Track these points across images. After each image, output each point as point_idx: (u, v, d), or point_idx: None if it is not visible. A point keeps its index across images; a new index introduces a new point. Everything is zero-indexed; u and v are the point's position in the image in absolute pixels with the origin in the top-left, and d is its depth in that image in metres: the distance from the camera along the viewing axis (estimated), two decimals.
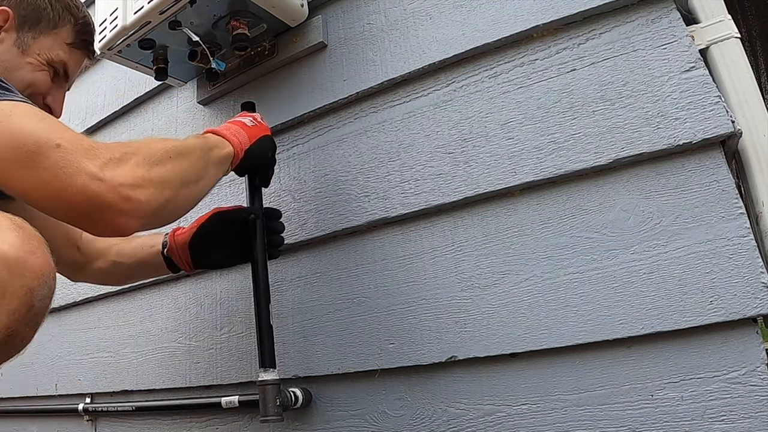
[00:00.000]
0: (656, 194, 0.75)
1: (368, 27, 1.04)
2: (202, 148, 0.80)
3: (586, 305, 0.76)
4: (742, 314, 0.67)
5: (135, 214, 0.66)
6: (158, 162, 0.70)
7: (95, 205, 0.63)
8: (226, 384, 1.09)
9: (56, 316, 1.51)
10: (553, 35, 0.86)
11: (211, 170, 0.81)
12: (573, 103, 0.82)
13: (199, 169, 0.77)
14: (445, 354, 0.85)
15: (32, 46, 0.89)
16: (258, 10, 1.02)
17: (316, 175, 1.05)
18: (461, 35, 0.92)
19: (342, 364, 0.94)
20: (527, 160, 0.84)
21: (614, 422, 0.73)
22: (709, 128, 0.72)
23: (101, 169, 0.63)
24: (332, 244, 1.01)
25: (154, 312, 1.26)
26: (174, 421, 1.18)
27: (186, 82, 1.25)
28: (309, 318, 1.00)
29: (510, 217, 0.85)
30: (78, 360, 1.41)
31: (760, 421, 0.65)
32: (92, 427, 1.34)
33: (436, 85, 0.94)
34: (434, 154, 0.92)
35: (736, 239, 0.69)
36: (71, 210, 0.64)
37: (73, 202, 0.63)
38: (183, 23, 0.99)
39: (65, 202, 0.63)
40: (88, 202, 0.63)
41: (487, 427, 0.81)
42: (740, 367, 0.67)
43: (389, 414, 0.90)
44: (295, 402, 0.93)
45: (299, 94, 1.09)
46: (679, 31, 0.77)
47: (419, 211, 0.92)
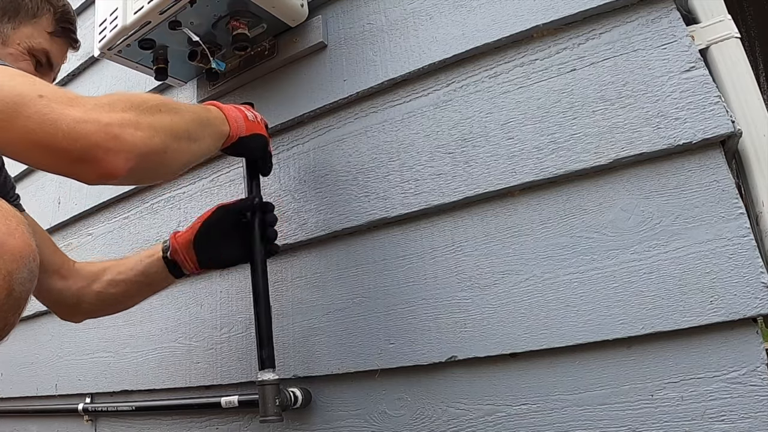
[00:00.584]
0: (656, 194, 0.75)
1: (368, 27, 1.04)
2: (200, 113, 0.79)
3: (586, 305, 0.76)
4: (742, 314, 0.67)
5: (123, 152, 0.64)
6: (149, 110, 0.69)
7: (82, 147, 0.61)
8: (226, 384, 1.09)
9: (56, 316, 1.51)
10: (553, 35, 0.86)
11: (207, 136, 0.79)
12: (573, 103, 0.82)
13: (193, 129, 0.75)
14: (445, 354, 0.85)
15: (12, 36, 0.89)
16: (258, 10, 1.02)
17: (316, 175, 1.05)
18: (461, 35, 0.92)
19: (342, 364, 0.94)
20: (527, 160, 0.84)
21: (614, 422, 0.73)
22: (709, 128, 0.72)
23: (86, 113, 0.62)
24: (332, 244, 1.01)
25: (154, 312, 1.26)
26: (174, 421, 1.18)
27: (186, 82, 1.25)
28: (309, 318, 1.00)
29: (510, 217, 0.85)
30: (78, 360, 1.41)
31: (760, 421, 0.65)
32: (92, 427, 1.34)
33: (436, 85, 0.95)
34: (434, 154, 0.92)
35: (736, 239, 0.69)
36: (57, 155, 0.62)
37: (58, 148, 0.61)
38: (183, 23, 0.99)
39: (50, 148, 0.61)
40: (74, 144, 0.61)
41: (487, 427, 0.81)
42: (740, 367, 0.67)
43: (389, 414, 0.90)
44: (295, 402, 0.93)
45: (299, 94, 1.09)
46: (679, 31, 0.77)
47: (419, 211, 0.92)
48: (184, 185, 1.26)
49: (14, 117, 0.61)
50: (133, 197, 1.37)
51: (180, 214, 1.25)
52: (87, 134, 0.61)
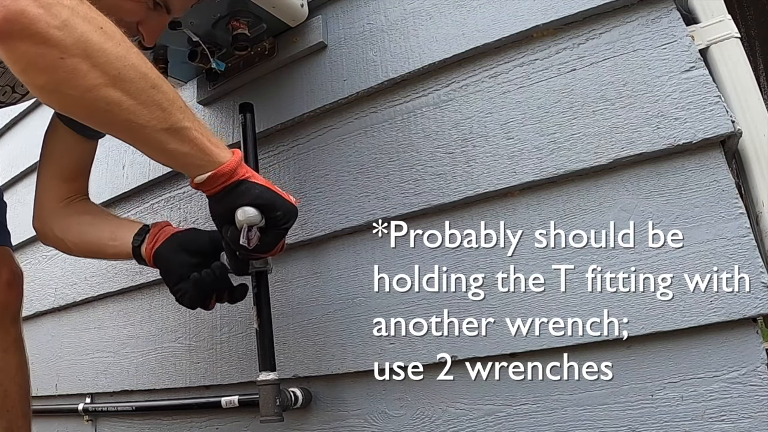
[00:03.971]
0: (656, 194, 0.75)
1: (368, 27, 1.04)
2: (182, 108, 0.69)
3: (585, 305, 0.76)
4: (742, 314, 0.67)
5: (10, 30, 0.57)
6: (105, 32, 0.62)
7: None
8: (226, 384, 1.09)
9: (56, 316, 1.51)
10: (553, 35, 0.86)
11: (163, 132, 0.67)
12: (573, 103, 0.82)
13: (156, 101, 0.65)
14: (445, 354, 0.85)
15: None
16: (258, 10, 1.02)
17: (316, 175, 1.05)
18: (461, 35, 0.92)
19: (342, 364, 0.94)
20: (527, 160, 0.84)
21: (614, 422, 0.73)
22: (709, 128, 0.72)
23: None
24: (332, 244, 1.01)
25: (154, 312, 1.26)
26: (174, 421, 1.18)
27: (186, 82, 1.25)
28: (309, 318, 1.00)
29: (510, 217, 0.85)
30: (78, 360, 1.41)
31: (760, 421, 0.65)
32: (92, 427, 1.34)
33: (436, 85, 0.94)
34: (434, 154, 0.92)
35: (736, 239, 0.69)
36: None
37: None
38: (183, 23, 0.99)
39: None
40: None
41: (487, 427, 0.81)
42: (740, 367, 0.67)
43: (389, 414, 0.90)
44: (296, 402, 0.93)
45: (299, 94, 1.09)
46: (679, 31, 0.77)
47: (419, 211, 0.92)
48: (184, 185, 1.26)
49: None
50: (132, 197, 1.37)
51: (180, 214, 1.25)
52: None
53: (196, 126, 0.70)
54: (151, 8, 0.81)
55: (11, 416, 1.00)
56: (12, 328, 1.02)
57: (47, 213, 0.98)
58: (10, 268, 1.03)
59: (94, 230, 0.96)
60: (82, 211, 0.98)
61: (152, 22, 0.83)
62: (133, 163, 1.36)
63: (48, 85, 0.62)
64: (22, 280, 1.05)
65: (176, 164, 0.72)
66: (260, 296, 0.90)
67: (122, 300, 1.34)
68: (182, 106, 0.70)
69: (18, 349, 1.03)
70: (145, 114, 0.65)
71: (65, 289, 1.44)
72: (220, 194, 0.73)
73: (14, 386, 1.01)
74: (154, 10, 0.82)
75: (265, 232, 0.75)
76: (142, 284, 1.28)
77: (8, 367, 1.01)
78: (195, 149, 0.70)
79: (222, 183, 0.72)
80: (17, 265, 1.05)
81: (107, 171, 1.41)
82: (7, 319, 1.01)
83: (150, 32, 0.83)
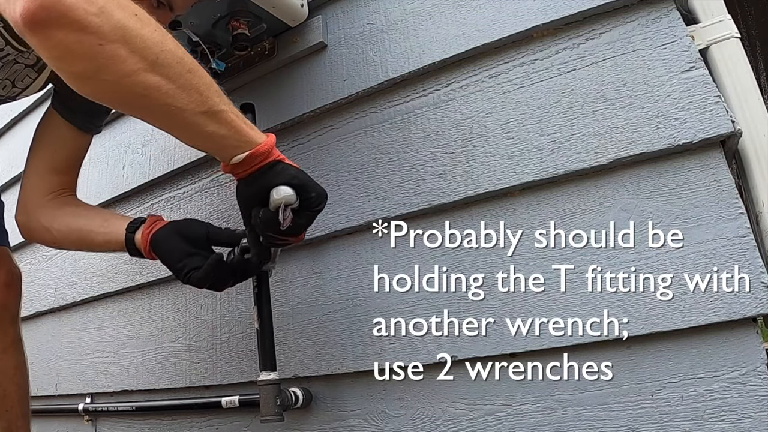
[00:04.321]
0: (656, 194, 0.75)
1: (368, 27, 1.04)
2: (218, 92, 0.69)
3: (585, 305, 0.76)
4: (742, 314, 0.67)
5: (47, 18, 0.57)
6: (140, 17, 0.62)
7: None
8: (227, 384, 1.09)
9: (56, 316, 1.51)
10: (553, 35, 0.86)
11: (202, 115, 0.67)
12: (573, 103, 0.82)
13: (193, 85, 0.66)
14: (445, 354, 0.85)
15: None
16: (258, 10, 1.02)
17: (316, 175, 1.04)
18: (461, 35, 0.92)
19: (342, 364, 0.94)
20: (527, 160, 0.84)
21: (614, 422, 0.73)
22: (709, 128, 0.72)
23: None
24: (332, 244, 1.01)
25: (154, 312, 1.26)
26: (174, 421, 1.18)
27: None
28: (309, 318, 1.00)
29: (510, 217, 0.85)
30: (78, 360, 1.41)
31: (760, 421, 0.65)
32: (92, 427, 1.34)
33: (436, 85, 0.94)
34: (434, 154, 0.92)
35: (736, 239, 0.69)
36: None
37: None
38: (183, 23, 0.99)
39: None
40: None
41: (487, 427, 0.81)
42: (740, 367, 0.67)
43: (389, 414, 0.90)
44: (296, 402, 0.93)
45: (299, 94, 1.09)
46: (679, 31, 0.77)
47: (419, 211, 0.92)
48: (183, 185, 1.26)
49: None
50: (132, 197, 1.37)
51: (180, 214, 1.25)
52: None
53: (231, 109, 0.71)
54: (155, 6, 0.82)
55: (10, 416, 1.00)
56: (10, 329, 1.02)
57: (34, 205, 0.98)
58: (8, 269, 1.03)
59: (83, 219, 0.96)
60: (71, 204, 0.99)
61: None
62: (133, 163, 1.36)
63: (86, 72, 0.62)
64: (20, 280, 1.05)
65: (213, 146, 0.72)
66: (261, 296, 0.90)
67: (122, 300, 1.34)
68: (218, 89, 0.70)
69: (17, 349, 1.03)
70: (184, 98, 0.66)
71: (65, 289, 1.44)
72: (255, 174, 0.73)
73: (13, 386, 1.01)
74: (158, 8, 0.82)
75: (298, 213, 0.75)
76: (142, 284, 1.28)
77: (7, 368, 1.01)
78: (232, 131, 0.70)
79: (259, 163, 0.72)
80: (15, 266, 1.05)
81: (107, 171, 1.41)
82: (6, 320, 1.01)
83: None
